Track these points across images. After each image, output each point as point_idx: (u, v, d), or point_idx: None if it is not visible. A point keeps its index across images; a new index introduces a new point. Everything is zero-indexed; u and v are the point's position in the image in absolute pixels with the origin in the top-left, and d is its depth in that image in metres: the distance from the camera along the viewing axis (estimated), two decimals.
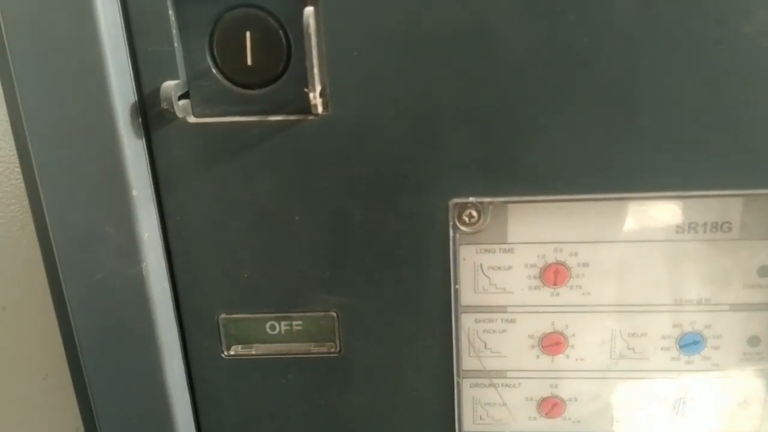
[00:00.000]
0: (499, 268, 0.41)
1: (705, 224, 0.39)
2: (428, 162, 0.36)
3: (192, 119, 0.36)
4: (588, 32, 0.34)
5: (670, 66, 0.34)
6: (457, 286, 0.39)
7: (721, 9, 0.32)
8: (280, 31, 0.36)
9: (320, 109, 0.34)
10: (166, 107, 0.34)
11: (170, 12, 0.34)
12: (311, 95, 0.34)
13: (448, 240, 0.38)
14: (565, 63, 0.34)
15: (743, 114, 0.34)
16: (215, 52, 0.36)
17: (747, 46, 0.33)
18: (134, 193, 0.35)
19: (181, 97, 0.36)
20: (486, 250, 0.40)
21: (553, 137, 0.36)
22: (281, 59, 0.36)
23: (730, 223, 0.39)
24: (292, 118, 0.36)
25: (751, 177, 0.36)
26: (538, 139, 0.36)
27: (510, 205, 0.39)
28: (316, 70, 0.34)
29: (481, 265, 0.41)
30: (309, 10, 0.33)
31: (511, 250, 0.40)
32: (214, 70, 0.36)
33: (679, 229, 0.39)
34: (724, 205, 0.38)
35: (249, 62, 0.36)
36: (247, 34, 0.35)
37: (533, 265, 0.40)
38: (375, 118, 0.36)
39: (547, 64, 0.34)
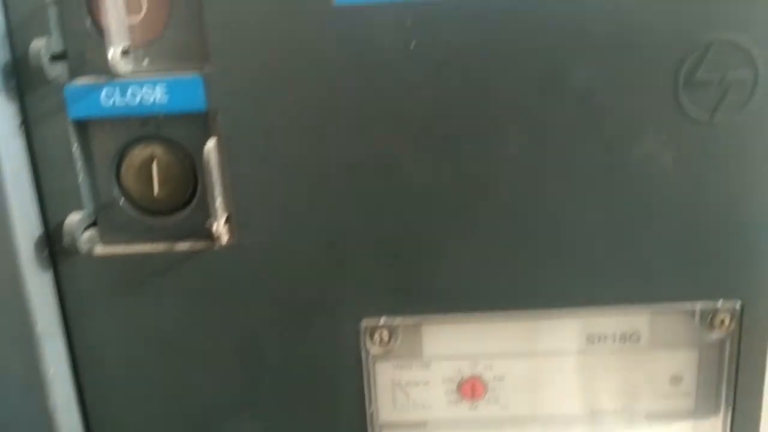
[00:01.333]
0: (416, 384, 0.40)
1: (614, 335, 0.40)
2: (338, 285, 0.37)
3: (99, 250, 0.36)
4: (484, 161, 0.35)
5: (565, 190, 0.35)
6: (371, 408, 0.39)
7: (609, 135, 0.34)
8: (186, 161, 0.36)
9: (225, 239, 0.35)
10: (69, 242, 0.34)
11: (74, 146, 0.34)
12: (215, 225, 0.34)
13: (361, 361, 0.38)
14: (466, 189, 0.35)
15: (638, 233, 0.35)
16: (122, 183, 0.36)
17: (637, 169, 0.34)
18: (38, 328, 0.34)
19: (88, 228, 0.36)
20: (402, 367, 0.40)
21: (460, 259, 0.37)
22: (188, 188, 0.36)
23: (638, 333, 0.39)
24: (199, 246, 0.36)
25: (652, 292, 0.38)
26: (445, 262, 0.37)
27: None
28: (218, 202, 0.34)
29: (399, 382, 0.40)
30: (210, 144, 0.34)
31: (427, 366, 0.40)
32: (121, 201, 0.36)
33: (590, 340, 0.39)
34: (632, 317, 0.39)
35: (156, 191, 0.36)
36: (154, 164, 0.35)
37: (450, 380, 0.40)
38: (282, 245, 0.36)
39: (449, 191, 0.35)
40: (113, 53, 0.32)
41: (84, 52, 0.34)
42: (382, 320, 0.38)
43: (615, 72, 0.33)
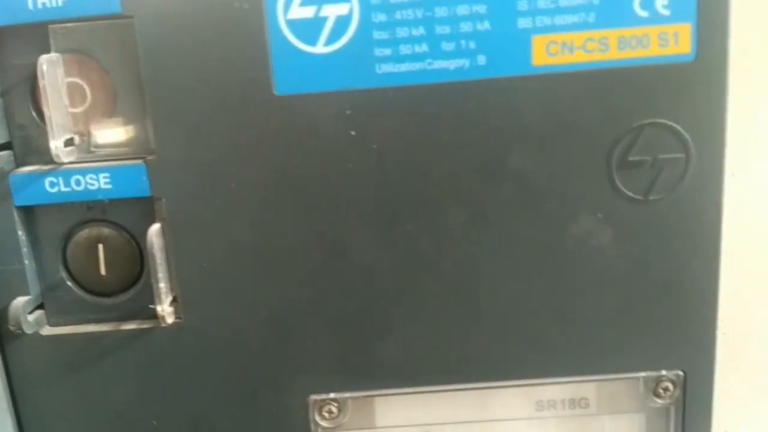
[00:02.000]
0: None
1: (563, 401, 0.40)
2: (285, 362, 0.37)
3: (46, 331, 0.36)
4: (428, 241, 0.36)
5: (507, 268, 0.35)
6: None
7: (547, 215, 0.35)
8: (133, 242, 0.36)
9: (169, 320, 0.35)
10: (13, 327, 0.34)
11: (20, 232, 0.35)
12: (159, 308, 0.34)
13: None
14: (411, 267, 0.36)
15: (580, 308, 0.36)
16: (69, 265, 0.36)
17: (576, 246, 0.35)
18: None
19: (35, 309, 0.36)
20: None
21: (407, 335, 0.38)
22: (135, 268, 0.37)
23: (587, 399, 0.40)
24: (146, 325, 0.36)
25: (597, 363, 0.39)
26: (393, 338, 0.38)
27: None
28: (162, 285, 0.34)
29: None
30: (154, 229, 0.34)
31: None
32: (68, 282, 0.37)
33: (539, 406, 0.40)
34: (580, 385, 0.40)
35: (103, 272, 0.36)
36: (100, 246, 0.36)
37: None
38: (229, 323, 0.36)
39: (394, 269, 0.36)
40: (56, 145, 0.33)
41: (29, 141, 0.35)
42: (331, 395, 0.38)
43: (550, 156, 0.34)
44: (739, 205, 0.37)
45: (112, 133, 0.35)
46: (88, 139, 0.35)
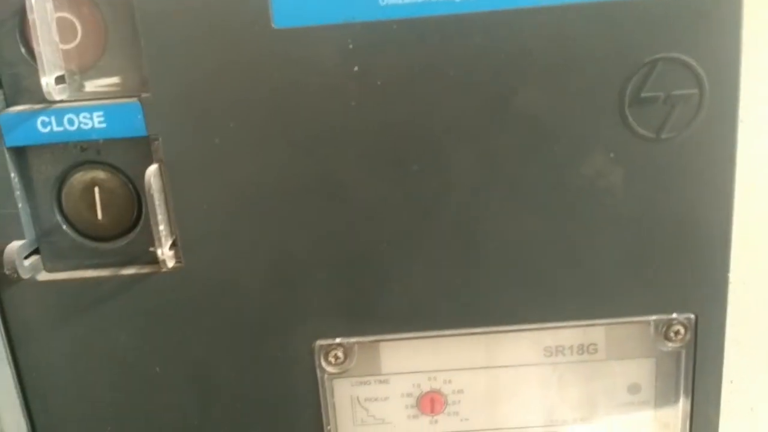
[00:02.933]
0: (375, 400, 0.40)
1: (572, 347, 0.40)
2: (288, 307, 0.36)
3: (42, 277, 0.36)
4: (433, 181, 0.35)
5: (515, 210, 0.35)
6: (329, 427, 0.39)
7: (557, 155, 0.34)
8: (129, 185, 0.35)
9: (170, 264, 0.34)
10: (9, 272, 0.33)
11: (12, 174, 0.34)
12: (159, 251, 0.34)
13: (317, 381, 0.37)
14: (415, 210, 0.35)
15: (590, 250, 0.35)
16: (64, 209, 0.35)
17: (587, 187, 0.35)
18: None
19: (31, 254, 0.35)
20: (361, 383, 0.40)
21: (412, 279, 0.37)
22: (132, 212, 0.36)
23: (595, 344, 0.39)
24: (144, 270, 0.35)
25: (607, 307, 0.38)
26: (397, 282, 0.37)
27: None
28: (161, 228, 0.33)
29: (357, 398, 0.40)
30: (151, 170, 0.33)
31: (386, 381, 0.40)
32: (64, 226, 0.36)
33: (547, 352, 0.39)
34: (588, 329, 0.39)
35: (99, 217, 0.35)
36: (96, 189, 0.35)
37: (409, 395, 0.40)
38: (230, 268, 0.35)
39: (398, 211, 0.35)
40: (47, 81, 0.31)
41: (19, 79, 0.34)
42: (337, 340, 0.37)
43: (560, 93, 0.33)
44: (746, 152, 0.36)
45: (105, 71, 0.33)
46: (79, 78, 0.34)
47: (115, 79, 0.34)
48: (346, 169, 0.34)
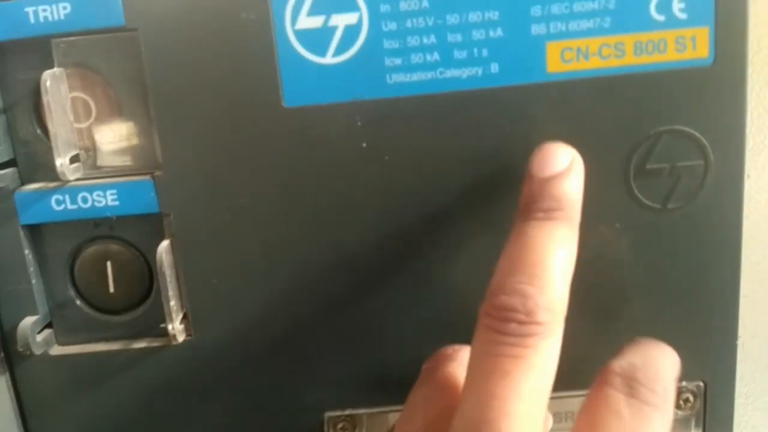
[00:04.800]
0: None
1: None
2: (297, 379, 0.36)
3: (55, 351, 0.36)
4: (441, 255, 0.36)
5: None
6: None
7: None
8: (141, 258, 0.35)
9: (180, 338, 0.34)
10: (22, 348, 0.33)
11: (26, 251, 0.34)
12: (170, 326, 0.34)
13: None
14: (423, 281, 0.36)
15: (600, 319, 0.36)
16: (77, 283, 0.36)
17: (595, 257, 0.36)
18: None
19: (44, 329, 0.35)
20: None
21: (420, 349, 0.37)
22: (144, 285, 0.36)
23: None
24: (156, 343, 0.35)
25: None
26: (406, 352, 0.37)
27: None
28: (173, 303, 0.34)
29: None
30: (163, 246, 0.34)
31: None
32: (77, 301, 0.36)
33: (557, 418, 0.39)
34: None
35: (111, 290, 0.36)
36: (108, 263, 0.35)
37: None
38: (241, 340, 0.36)
39: (406, 284, 0.36)
40: (61, 162, 0.32)
41: (34, 157, 0.34)
42: (347, 411, 0.37)
43: None
44: (752, 207, 0.36)
45: (119, 149, 0.34)
46: (94, 154, 0.34)
47: (128, 156, 0.34)
48: (354, 241, 0.34)
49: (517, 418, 0.27)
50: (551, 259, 0.29)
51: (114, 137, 0.35)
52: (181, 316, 0.35)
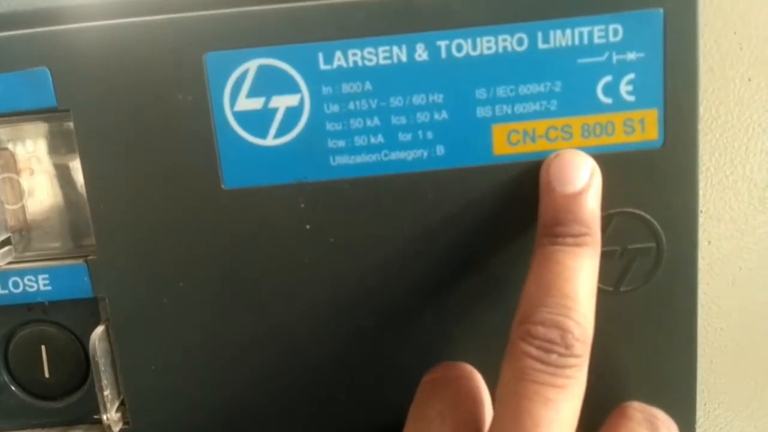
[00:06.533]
0: None
1: None
2: None
3: None
4: (387, 339, 0.36)
5: (472, 360, 0.34)
6: None
7: (512, 307, 0.33)
8: (77, 343, 0.34)
9: (116, 429, 0.33)
10: None
11: None
12: (104, 416, 0.32)
13: None
14: (371, 365, 0.36)
15: None
16: (11, 368, 0.34)
17: None
18: None
19: None
20: None
21: None
22: (81, 369, 0.35)
23: None
24: (92, 431, 0.34)
25: None
26: None
27: None
28: (107, 392, 0.33)
29: None
30: (97, 332, 0.32)
31: None
32: (11, 386, 0.35)
33: None
34: None
35: (47, 375, 0.34)
36: (42, 348, 0.34)
37: None
38: (181, 428, 0.34)
39: (353, 366, 0.36)
40: None
41: None
42: None
43: (514, 246, 0.34)
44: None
45: (52, 231, 0.33)
46: (28, 235, 0.33)
47: (59, 242, 0.33)
48: (299, 326, 0.33)
49: None
50: (584, 290, 0.30)
51: (47, 218, 0.33)
52: (117, 404, 0.34)
